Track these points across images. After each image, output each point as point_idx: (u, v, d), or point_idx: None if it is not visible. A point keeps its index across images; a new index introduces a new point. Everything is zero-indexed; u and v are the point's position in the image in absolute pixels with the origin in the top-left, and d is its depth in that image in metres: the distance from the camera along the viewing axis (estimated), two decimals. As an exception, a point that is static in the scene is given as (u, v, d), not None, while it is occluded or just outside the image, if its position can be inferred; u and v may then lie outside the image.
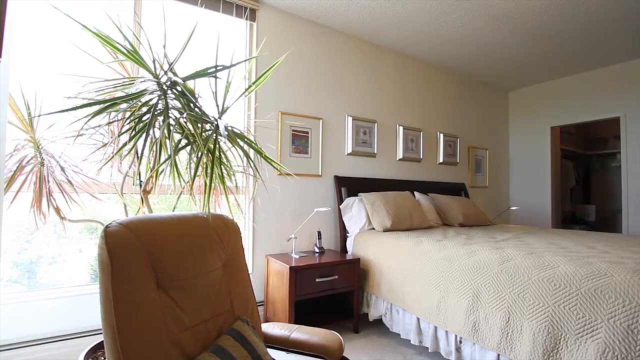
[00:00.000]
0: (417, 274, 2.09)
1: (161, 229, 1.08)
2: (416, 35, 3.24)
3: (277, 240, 2.68)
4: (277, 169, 1.50)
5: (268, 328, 1.37)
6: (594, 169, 5.89)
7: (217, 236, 1.28)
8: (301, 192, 2.84)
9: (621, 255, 1.73)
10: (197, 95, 1.43)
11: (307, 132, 2.87)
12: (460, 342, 1.82)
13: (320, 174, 2.94)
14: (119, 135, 1.38)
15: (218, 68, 1.37)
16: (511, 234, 2.56)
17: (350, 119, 3.15)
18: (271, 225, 2.66)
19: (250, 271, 2.54)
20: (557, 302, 1.45)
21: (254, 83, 1.54)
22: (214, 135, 1.36)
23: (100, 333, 1.95)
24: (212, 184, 1.30)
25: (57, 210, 1.55)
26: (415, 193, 3.42)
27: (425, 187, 3.64)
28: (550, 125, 4.50)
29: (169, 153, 1.29)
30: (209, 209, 1.27)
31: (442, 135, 3.98)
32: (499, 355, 1.62)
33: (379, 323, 2.63)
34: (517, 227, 3.22)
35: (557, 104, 4.43)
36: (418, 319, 2.08)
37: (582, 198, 5.90)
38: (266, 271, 2.49)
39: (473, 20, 2.96)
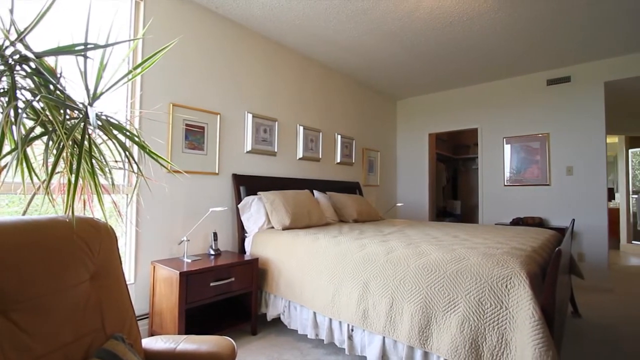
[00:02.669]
0: (314, 270, 2.16)
1: (-3, 238, 0.86)
2: (316, 39, 3.35)
3: (165, 245, 2.44)
4: (163, 165, 1.35)
5: (150, 343, 1.23)
6: (460, 171, 7.08)
7: (84, 243, 1.08)
8: (195, 191, 2.64)
9: (476, 241, 2.09)
10: (60, 76, 1.18)
11: (203, 128, 2.69)
12: (352, 330, 1.95)
13: (217, 171, 2.78)
14: None
15: (89, 46, 1.17)
16: (396, 228, 2.86)
17: (250, 116, 3.07)
18: (159, 228, 2.41)
19: (131, 281, 2.25)
20: (429, 285, 1.66)
21: (138, 66, 1.36)
22: (82, 124, 1.15)
23: None
24: (81, 182, 1.10)
25: None
26: (314, 191, 3.54)
27: (324, 186, 3.81)
28: (429, 132, 5.21)
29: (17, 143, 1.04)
30: (72, 212, 1.06)
31: (339, 136, 4.22)
32: (384, 337, 1.78)
33: (277, 322, 2.63)
34: (401, 222, 3.62)
35: (434, 114, 5.16)
36: (315, 313, 2.15)
37: (451, 195, 7.01)
38: (152, 279, 2.24)
39: (367, 33, 3.21)
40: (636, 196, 6.24)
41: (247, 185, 2.95)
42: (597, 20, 2.94)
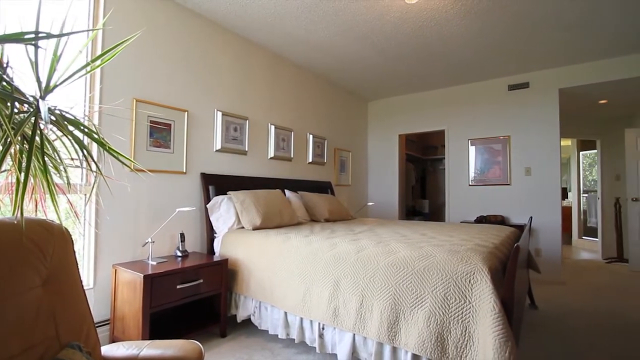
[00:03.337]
0: (285, 270, 2.15)
1: None
2: (287, 37, 3.33)
3: (128, 247, 2.33)
4: (125, 164, 1.29)
5: (111, 350, 1.16)
6: (428, 171, 7.30)
7: (36, 247, 1.01)
8: (161, 191, 2.54)
9: (442, 239, 2.17)
10: (7, 66, 1.10)
11: (170, 125, 2.60)
12: (323, 328, 1.96)
13: (184, 170, 2.70)
14: None
15: (40, 34, 1.09)
16: (367, 227, 2.90)
17: (220, 113, 3.00)
18: (120, 230, 2.29)
19: (90, 286, 2.13)
20: (398, 282, 1.70)
21: (97, 58, 1.28)
22: (33, 118, 1.07)
23: None
24: (32, 181, 1.02)
25: None
26: (286, 191, 3.52)
27: (296, 186, 3.80)
28: (399, 133, 5.34)
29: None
30: (22, 213, 0.99)
31: (311, 136, 4.22)
32: (354, 335, 1.80)
33: (247, 323, 2.59)
34: (372, 220, 3.68)
35: (404, 116, 5.29)
36: (286, 313, 2.13)
37: (420, 194, 7.22)
38: (114, 283, 2.13)
39: (338, 34, 3.23)
40: (587, 195, 6.74)
41: (217, 184, 2.88)
42: (552, 31, 3.14)
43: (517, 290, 1.59)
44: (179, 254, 2.44)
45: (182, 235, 2.47)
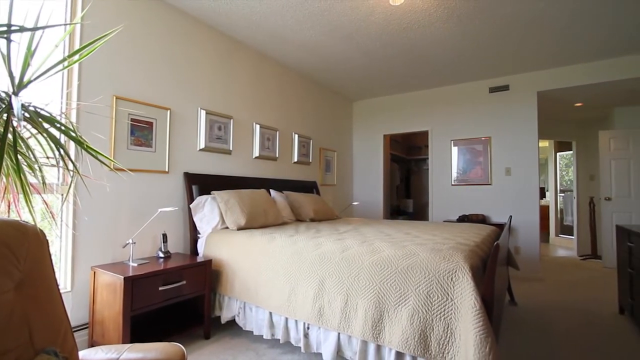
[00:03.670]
0: (270, 270, 2.13)
1: None
2: (272, 36, 3.31)
3: (108, 248, 2.26)
4: (104, 163, 1.25)
5: (89, 354, 1.13)
6: (413, 171, 7.40)
7: (8, 249, 0.97)
8: (143, 191, 2.49)
9: (426, 238, 2.20)
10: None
11: (152, 123, 2.54)
12: (308, 328, 1.96)
13: (166, 170, 2.64)
14: None
15: (13, 28, 1.05)
16: (351, 226, 2.92)
17: (203, 112, 2.96)
18: (100, 231, 2.23)
19: (67, 289, 2.06)
20: (382, 281, 1.72)
21: (74, 53, 1.24)
22: (5, 115, 1.03)
23: None
24: (4, 181, 0.98)
25: None
26: (271, 191, 3.50)
27: (281, 185, 3.78)
28: (384, 133, 5.39)
29: None
30: (-7, 213, 0.95)
31: (297, 135, 4.21)
32: (339, 334, 1.81)
33: (232, 324, 2.56)
34: (357, 220, 3.70)
35: (389, 116, 5.34)
36: (270, 313, 2.12)
37: (404, 194, 7.31)
38: (93, 286, 2.07)
39: (324, 34, 3.23)
40: (563, 195, 6.98)
41: (200, 184, 2.83)
42: (531, 36, 3.24)
43: (497, 287, 1.63)
44: (162, 255, 2.39)
45: (164, 235, 2.42)
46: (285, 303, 2.00)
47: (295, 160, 4.19)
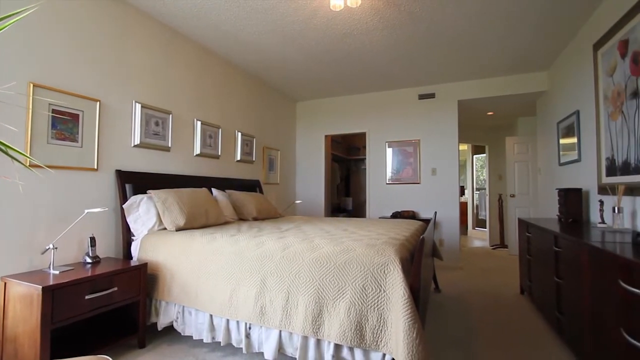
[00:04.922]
0: (210, 271, 2.10)
1: None
2: (215, 31, 3.22)
3: (22, 255, 2.02)
4: (14, 158, 1.14)
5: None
6: (352, 170, 7.73)
7: None
8: (67, 190, 2.26)
9: (362, 234, 2.36)
10: None
11: (78, 115, 2.32)
12: (250, 328, 1.97)
13: (95, 167, 2.44)
14: None
15: None
16: (293, 224, 2.99)
17: (139, 106, 2.77)
18: (11, 236, 1.98)
19: (-26, 302, 1.81)
20: (322, 277, 1.81)
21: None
22: None
23: None
24: None
25: None
26: (213, 190, 3.42)
27: (223, 184, 3.70)
28: (325, 133, 5.55)
29: None
30: None
31: (240, 134, 4.15)
32: (280, 331, 1.86)
33: (169, 331, 2.47)
34: (299, 218, 3.78)
35: (330, 117, 5.52)
36: (211, 316, 2.09)
37: (344, 192, 7.60)
38: (3, 299, 1.84)
39: (267, 33, 3.24)
40: (478, 192, 7.89)
41: (135, 183, 2.66)
42: (454, 51, 3.62)
43: (423, 277, 1.83)
44: (89, 260, 2.21)
45: (92, 239, 2.24)
46: (226, 304, 1.99)
47: (239, 158, 4.13)
